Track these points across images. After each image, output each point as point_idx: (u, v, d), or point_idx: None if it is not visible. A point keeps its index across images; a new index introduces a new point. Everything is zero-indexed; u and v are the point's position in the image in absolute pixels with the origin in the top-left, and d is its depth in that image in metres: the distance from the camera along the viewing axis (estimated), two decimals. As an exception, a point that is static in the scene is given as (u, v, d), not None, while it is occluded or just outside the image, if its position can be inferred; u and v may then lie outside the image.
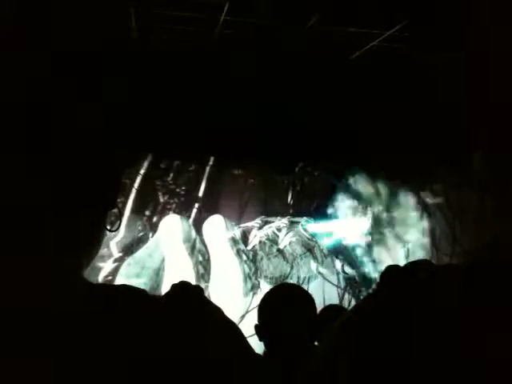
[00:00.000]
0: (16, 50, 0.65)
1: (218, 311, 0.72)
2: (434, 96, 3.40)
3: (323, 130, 3.74)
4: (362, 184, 4.26)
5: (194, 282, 0.73)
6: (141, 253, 3.82)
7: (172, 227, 3.79)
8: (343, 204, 4.20)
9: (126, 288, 0.70)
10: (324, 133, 3.75)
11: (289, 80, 3.57)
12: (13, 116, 0.63)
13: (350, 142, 3.77)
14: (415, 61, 3.40)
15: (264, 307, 2.14)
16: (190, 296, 0.71)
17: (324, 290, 4.12)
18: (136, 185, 3.90)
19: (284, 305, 2.10)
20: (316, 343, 2.07)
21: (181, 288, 0.71)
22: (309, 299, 2.19)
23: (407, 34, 3.10)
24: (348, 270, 4.26)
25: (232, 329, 0.72)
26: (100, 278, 3.61)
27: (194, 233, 3.90)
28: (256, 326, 2.10)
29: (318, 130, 3.75)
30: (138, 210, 3.92)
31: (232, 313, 3.53)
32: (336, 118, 3.67)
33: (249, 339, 0.74)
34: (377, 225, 4.29)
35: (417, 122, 3.69)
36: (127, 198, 3.84)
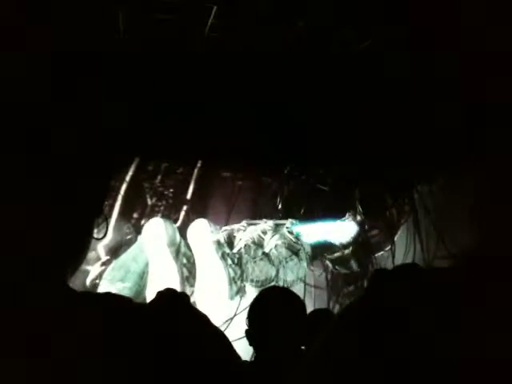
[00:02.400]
0: (10, 52, 0.64)
1: (204, 318, 0.73)
2: (434, 95, 3.39)
3: (312, 133, 3.75)
4: (348, 188, 4.28)
5: (178, 286, 0.73)
6: (125, 257, 3.75)
7: (156, 231, 3.74)
8: (330, 208, 4.20)
9: (111, 297, 0.70)
10: (313, 137, 3.75)
11: (279, 81, 3.56)
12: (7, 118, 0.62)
13: (339, 146, 3.78)
14: (415, 59, 3.39)
15: (253, 311, 2.13)
16: (175, 304, 0.71)
17: (310, 294, 4.12)
18: (123, 187, 3.87)
19: (273, 309, 2.09)
20: (304, 347, 2.06)
21: (166, 295, 0.71)
22: (298, 302, 2.18)
23: (407, 33, 3.09)
24: (339, 267, 4.25)
25: (218, 336, 0.73)
26: (88, 282, 3.59)
27: (178, 236, 3.85)
28: (246, 331, 2.08)
29: (306, 134, 3.76)
30: (125, 213, 3.90)
31: (217, 316, 3.51)
32: (326, 122, 3.68)
33: (236, 342, 0.74)
34: (364, 228, 4.30)
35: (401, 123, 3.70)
36: (115, 200, 3.81)
